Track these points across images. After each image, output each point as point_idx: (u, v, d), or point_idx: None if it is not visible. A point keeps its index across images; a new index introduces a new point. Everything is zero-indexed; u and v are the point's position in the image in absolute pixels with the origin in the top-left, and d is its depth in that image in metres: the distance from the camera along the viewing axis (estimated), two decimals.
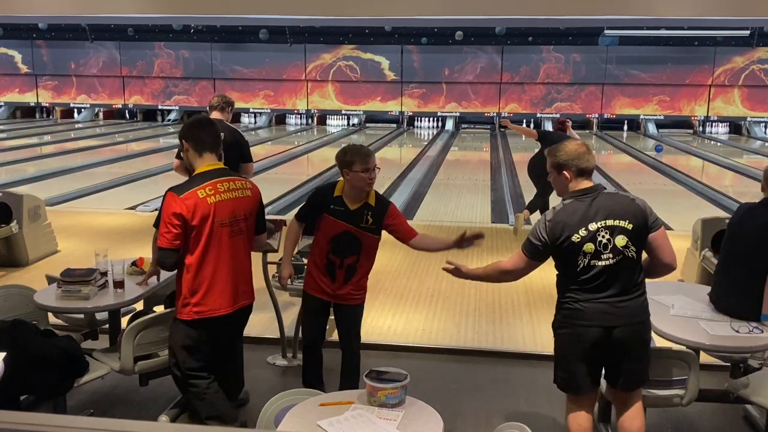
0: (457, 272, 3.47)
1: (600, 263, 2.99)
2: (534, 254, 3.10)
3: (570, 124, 8.90)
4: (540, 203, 8.53)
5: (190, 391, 3.53)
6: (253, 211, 3.51)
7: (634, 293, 3.07)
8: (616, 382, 3.21)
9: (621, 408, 3.27)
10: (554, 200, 8.76)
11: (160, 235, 3.28)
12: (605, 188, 3.13)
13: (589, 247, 2.98)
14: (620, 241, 2.99)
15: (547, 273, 6.80)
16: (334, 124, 24.55)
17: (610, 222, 2.99)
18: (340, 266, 3.73)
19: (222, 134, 5.55)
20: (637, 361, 3.15)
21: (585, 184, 3.09)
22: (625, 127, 23.72)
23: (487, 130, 23.42)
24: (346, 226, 3.69)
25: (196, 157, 3.42)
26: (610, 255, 2.99)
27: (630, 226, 3.00)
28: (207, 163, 3.41)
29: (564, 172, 3.10)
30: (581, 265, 3.00)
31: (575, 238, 2.99)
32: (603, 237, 2.99)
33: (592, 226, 2.99)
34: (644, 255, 3.14)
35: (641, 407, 3.25)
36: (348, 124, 24.39)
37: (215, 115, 5.79)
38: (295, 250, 4.17)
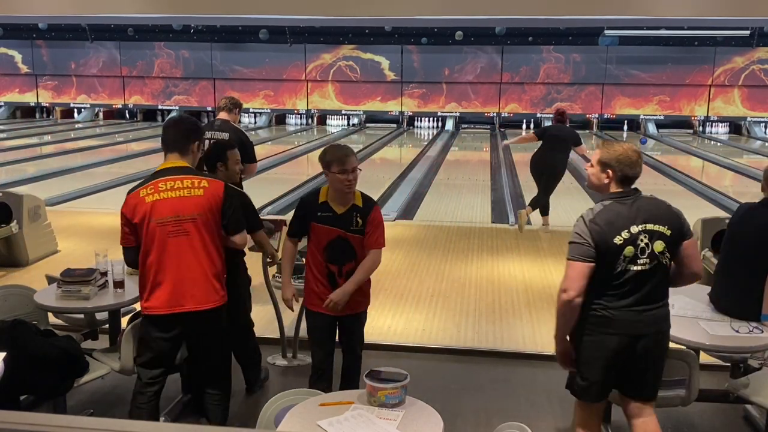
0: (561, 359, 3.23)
1: (635, 268, 2.94)
2: (586, 254, 2.99)
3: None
4: (543, 201, 8.52)
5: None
6: (205, 211, 3.32)
7: (660, 302, 3.03)
8: (634, 391, 3.13)
9: (636, 416, 3.17)
10: (555, 200, 8.70)
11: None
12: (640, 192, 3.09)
13: (630, 250, 2.93)
14: (658, 246, 2.95)
15: (546, 273, 6.84)
16: (334, 124, 24.55)
17: (650, 226, 2.95)
18: (340, 274, 3.60)
19: (226, 134, 5.58)
20: (658, 370, 3.12)
21: (625, 188, 3.06)
22: (625, 127, 23.72)
23: (487, 130, 23.43)
24: (338, 231, 3.57)
25: (164, 156, 3.45)
26: (647, 260, 2.94)
27: (668, 232, 2.96)
28: (168, 161, 3.40)
29: (608, 171, 3.05)
30: (619, 269, 2.94)
31: (617, 240, 2.94)
32: (642, 241, 2.94)
33: (634, 229, 2.94)
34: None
35: (654, 415, 3.19)
36: (348, 124, 24.39)
37: (222, 115, 5.84)
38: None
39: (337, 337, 3.80)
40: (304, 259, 4.41)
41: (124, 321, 4.13)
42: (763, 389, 3.50)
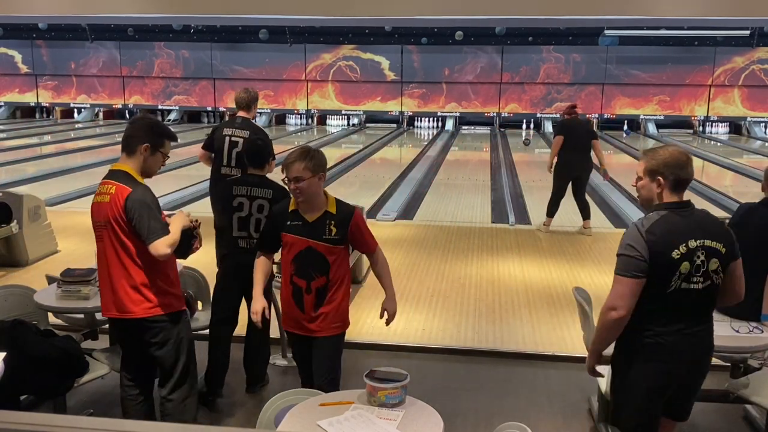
0: (591, 371, 3.02)
1: (689, 286, 2.71)
2: (637, 268, 2.67)
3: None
4: (556, 205, 8.40)
5: None
6: (112, 218, 3.18)
7: (706, 323, 2.84)
8: (673, 413, 2.94)
9: (663, 429, 2.97)
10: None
11: None
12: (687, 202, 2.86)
13: (686, 266, 2.69)
14: (713, 264, 2.74)
15: (546, 273, 6.84)
16: (334, 124, 24.55)
17: (708, 242, 2.72)
18: (308, 291, 3.27)
19: (246, 132, 5.49)
20: (698, 391, 2.96)
21: (680, 197, 2.81)
22: (625, 127, 23.73)
23: (487, 130, 23.43)
24: (307, 241, 3.25)
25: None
26: (701, 278, 2.72)
27: (723, 251, 2.76)
28: (117, 163, 3.37)
29: (659, 178, 2.79)
30: (672, 287, 2.69)
31: (675, 254, 2.68)
32: (699, 258, 2.71)
33: (692, 244, 2.70)
34: None
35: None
36: (348, 124, 24.40)
37: (241, 113, 5.79)
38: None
39: None
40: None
41: None
42: (763, 389, 3.50)
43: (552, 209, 8.43)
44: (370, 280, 6.37)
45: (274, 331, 4.79)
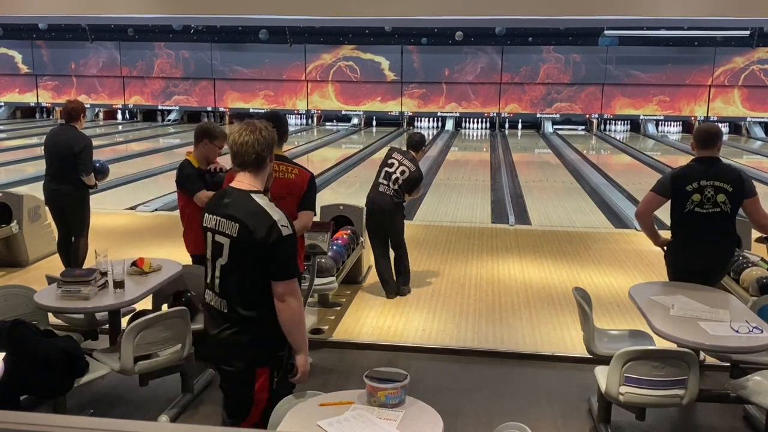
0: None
1: (702, 211, 4.11)
2: (658, 189, 4.23)
3: None
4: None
5: None
6: None
7: (716, 244, 4.21)
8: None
9: None
10: (556, 200, 8.67)
11: None
12: (721, 159, 4.22)
13: (696, 197, 4.10)
14: (720, 197, 4.09)
15: (546, 273, 6.84)
16: (334, 124, 24.57)
17: (716, 183, 4.08)
18: None
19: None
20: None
21: (707, 153, 4.18)
22: (628, 127, 23.75)
23: (487, 130, 23.47)
24: None
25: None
26: (711, 206, 4.09)
27: (730, 189, 4.08)
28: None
29: (692, 142, 4.31)
30: (687, 209, 4.14)
31: (688, 188, 4.11)
32: (708, 192, 4.09)
33: (703, 183, 4.09)
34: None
35: None
36: (348, 124, 24.40)
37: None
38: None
39: (337, 337, 3.66)
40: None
41: (124, 321, 4.13)
42: (763, 389, 3.50)
43: None
44: (370, 279, 6.37)
45: None
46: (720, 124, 23.24)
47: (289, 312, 2.71)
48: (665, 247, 4.43)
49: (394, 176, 5.84)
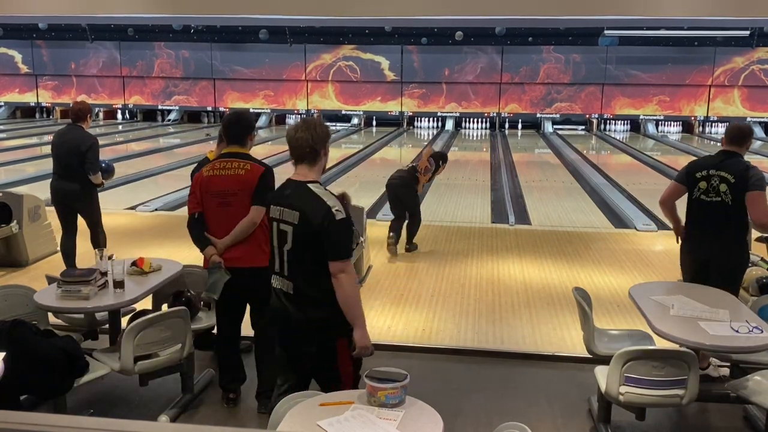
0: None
1: (705, 198, 4.33)
2: (678, 178, 4.56)
3: None
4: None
5: None
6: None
7: (718, 237, 4.32)
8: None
9: None
10: (556, 200, 8.70)
11: None
12: (740, 156, 4.44)
13: (703, 184, 4.35)
14: (722, 187, 4.29)
15: (546, 273, 6.83)
16: (334, 124, 24.58)
17: (721, 173, 4.31)
18: None
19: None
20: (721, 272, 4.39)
21: (730, 148, 4.45)
22: (628, 127, 23.76)
23: (487, 130, 23.48)
24: None
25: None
26: (714, 195, 4.31)
27: (732, 180, 4.26)
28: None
29: (723, 137, 4.61)
30: (695, 196, 4.38)
31: (698, 175, 4.38)
32: (714, 181, 4.32)
33: (711, 171, 4.34)
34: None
35: None
36: (348, 125, 24.40)
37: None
38: None
39: None
40: None
41: (124, 321, 4.13)
42: (763, 389, 3.50)
43: None
44: (370, 280, 6.37)
45: None
46: (720, 124, 23.38)
47: (343, 289, 2.94)
48: (679, 238, 4.66)
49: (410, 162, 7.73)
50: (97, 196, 6.28)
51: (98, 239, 6.26)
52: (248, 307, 4.10)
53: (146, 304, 4.34)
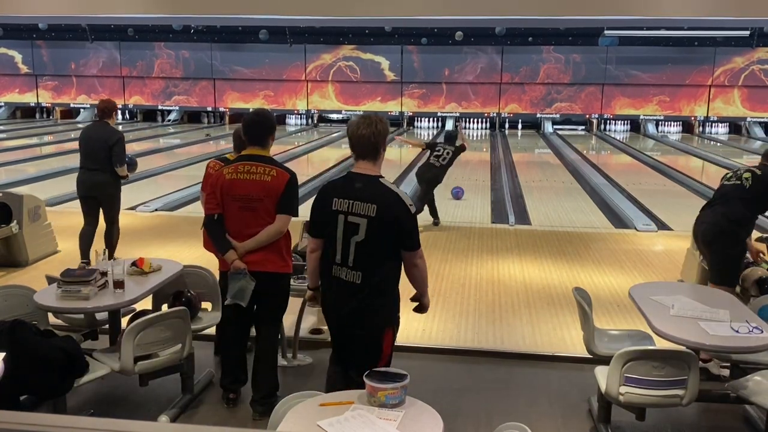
0: None
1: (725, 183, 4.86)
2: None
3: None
4: (420, 205, 8.39)
5: None
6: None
7: (723, 210, 4.75)
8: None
9: None
10: (556, 201, 8.73)
11: None
12: None
13: (729, 173, 4.91)
14: (746, 174, 4.73)
15: (546, 273, 6.84)
16: (335, 124, 24.58)
17: (750, 167, 4.85)
18: None
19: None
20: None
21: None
22: (628, 127, 23.77)
23: (487, 130, 23.48)
24: None
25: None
26: (735, 179, 4.78)
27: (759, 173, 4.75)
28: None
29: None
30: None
31: (728, 174, 4.97)
32: (740, 171, 4.84)
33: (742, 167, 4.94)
34: None
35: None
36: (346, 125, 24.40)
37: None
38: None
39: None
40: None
41: (124, 321, 4.13)
42: (763, 389, 3.50)
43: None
44: None
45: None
46: (720, 124, 23.40)
47: (421, 272, 3.31)
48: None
49: (442, 156, 8.74)
50: (120, 191, 6.62)
51: (112, 236, 6.57)
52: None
53: (146, 304, 4.34)
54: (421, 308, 3.44)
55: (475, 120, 23.95)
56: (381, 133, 3.26)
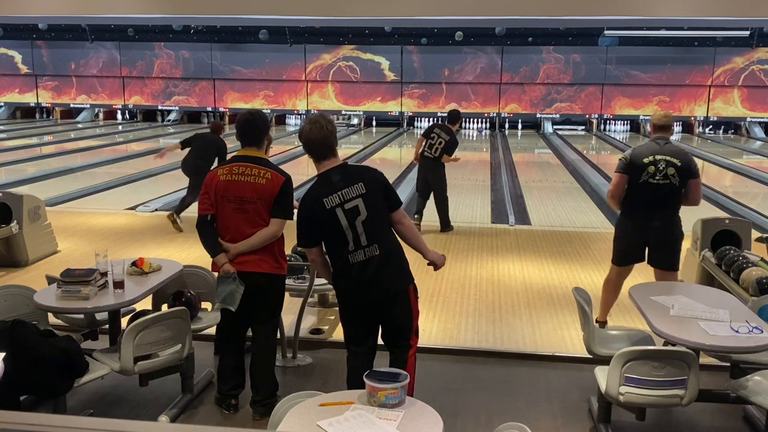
0: None
1: (653, 181, 4.67)
2: (621, 168, 4.78)
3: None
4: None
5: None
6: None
7: (663, 215, 4.78)
8: (653, 262, 4.98)
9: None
10: (556, 201, 8.68)
11: None
12: (669, 140, 4.83)
13: (651, 168, 4.67)
14: (670, 170, 4.66)
15: (546, 273, 6.83)
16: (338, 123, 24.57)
17: (668, 158, 4.67)
18: None
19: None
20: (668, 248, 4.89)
21: (661, 134, 4.82)
22: (627, 127, 23.77)
23: (487, 130, 23.49)
24: None
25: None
26: (661, 178, 4.66)
27: (679, 164, 4.66)
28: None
29: (651, 125, 4.99)
30: (642, 180, 4.68)
31: (645, 160, 4.68)
32: (661, 165, 4.66)
33: (657, 157, 4.68)
34: None
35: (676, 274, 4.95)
36: (347, 125, 24.41)
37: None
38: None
39: (338, 337, 3.76)
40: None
41: (124, 321, 4.13)
42: (763, 389, 3.50)
43: None
44: None
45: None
46: (720, 124, 23.43)
47: (409, 229, 3.57)
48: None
49: (435, 146, 8.31)
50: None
51: (185, 201, 8.21)
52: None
53: (146, 304, 4.34)
54: (435, 263, 3.73)
55: (475, 120, 23.95)
56: (332, 132, 3.52)
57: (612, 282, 5.16)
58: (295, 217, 4.11)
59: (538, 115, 23.52)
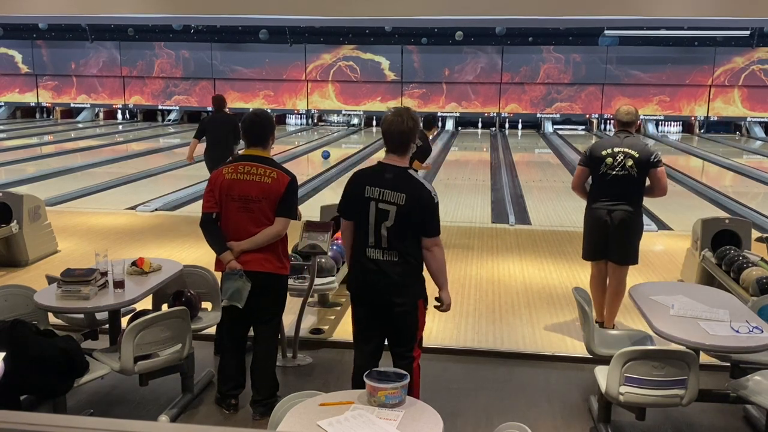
0: None
1: (612, 173, 4.85)
2: (582, 161, 5.02)
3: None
4: None
5: None
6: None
7: (623, 204, 4.89)
8: (610, 256, 5.05)
9: (611, 275, 5.07)
10: (555, 200, 8.69)
11: None
12: (633, 134, 4.95)
13: (609, 161, 4.85)
14: (629, 162, 4.81)
15: (546, 273, 6.84)
16: (335, 124, 24.57)
17: (626, 150, 4.83)
18: None
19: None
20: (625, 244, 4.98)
21: (622, 129, 4.95)
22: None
23: (487, 130, 23.49)
24: None
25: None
26: (620, 170, 4.83)
27: (637, 156, 4.80)
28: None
29: (614, 120, 5.10)
30: (602, 171, 4.88)
31: (603, 153, 4.88)
32: (619, 157, 4.83)
33: (616, 149, 4.85)
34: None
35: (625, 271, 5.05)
36: (347, 125, 24.40)
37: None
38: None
39: (337, 337, 3.76)
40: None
41: (124, 321, 4.13)
42: (763, 389, 3.50)
43: None
44: None
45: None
46: (720, 124, 23.43)
47: (437, 260, 3.51)
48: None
49: None
50: None
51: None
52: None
53: (146, 304, 4.34)
54: (442, 304, 3.57)
55: (475, 120, 23.95)
56: (412, 130, 3.49)
57: (594, 279, 5.20)
58: (299, 218, 4.14)
59: (539, 115, 23.51)
